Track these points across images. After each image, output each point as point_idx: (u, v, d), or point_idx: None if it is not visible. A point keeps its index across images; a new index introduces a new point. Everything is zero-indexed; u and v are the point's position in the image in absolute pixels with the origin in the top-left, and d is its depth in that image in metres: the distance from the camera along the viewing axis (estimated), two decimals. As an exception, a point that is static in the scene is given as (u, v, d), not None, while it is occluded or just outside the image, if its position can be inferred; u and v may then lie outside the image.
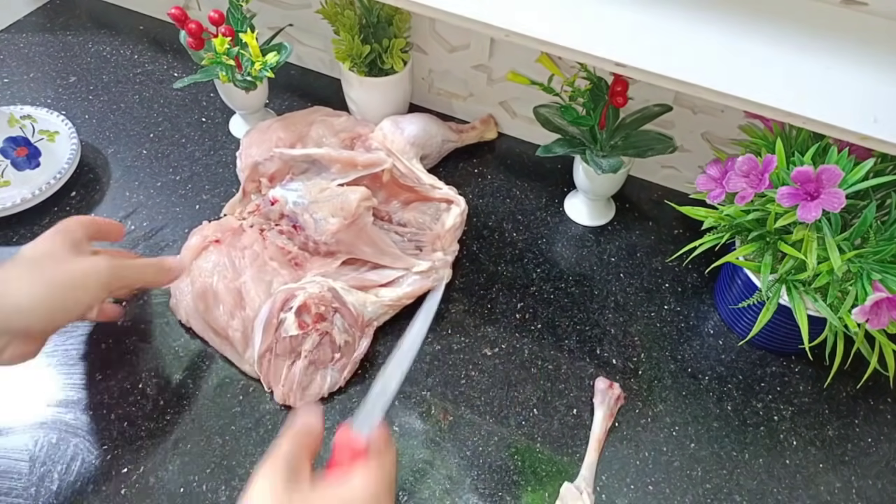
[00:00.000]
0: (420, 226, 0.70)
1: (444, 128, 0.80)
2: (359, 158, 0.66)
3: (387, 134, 0.75)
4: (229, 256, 0.64)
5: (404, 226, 0.70)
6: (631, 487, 0.57)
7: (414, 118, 0.77)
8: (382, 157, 0.67)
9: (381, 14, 0.77)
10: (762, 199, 0.56)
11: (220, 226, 0.68)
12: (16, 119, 0.80)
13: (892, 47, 0.54)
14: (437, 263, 0.66)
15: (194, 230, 0.68)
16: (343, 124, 0.77)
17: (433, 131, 0.77)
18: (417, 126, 0.76)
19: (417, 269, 0.65)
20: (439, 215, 0.70)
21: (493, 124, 0.84)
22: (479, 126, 0.84)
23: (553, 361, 0.65)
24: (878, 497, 0.58)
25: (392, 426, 0.60)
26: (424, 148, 0.76)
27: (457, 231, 0.69)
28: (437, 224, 0.69)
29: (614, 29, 0.56)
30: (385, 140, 0.74)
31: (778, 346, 0.66)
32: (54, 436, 0.58)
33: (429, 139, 0.76)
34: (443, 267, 0.67)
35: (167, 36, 0.99)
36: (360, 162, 0.66)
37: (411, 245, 0.68)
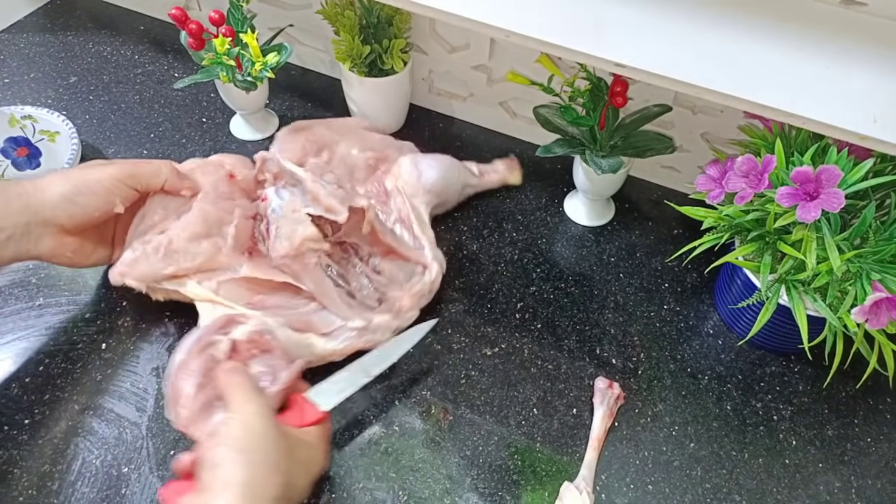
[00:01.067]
0: (392, 279, 0.66)
1: (464, 172, 0.75)
2: (321, 198, 0.61)
3: (402, 174, 0.71)
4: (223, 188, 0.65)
5: (378, 273, 0.66)
6: (630, 487, 0.57)
7: (435, 161, 0.73)
8: (338, 209, 0.61)
9: (381, 14, 0.77)
10: (761, 199, 0.56)
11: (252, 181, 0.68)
12: (16, 119, 0.80)
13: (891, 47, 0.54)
14: (376, 324, 0.61)
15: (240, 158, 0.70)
16: (375, 142, 0.75)
17: (452, 178, 0.73)
18: (436, 173, 0.72)
19: (352, 324, 0.61)
20: (412, 276, 0.66)
21: (517, 168, 0.79)
22: (502, 169, 0.79)
23: (553, 361, 0.65)
24: (878, 497, 0.58)
25: (392, 426, 0.60)
26: (440, 196, 0.72)
27: (421, 298, 0.64)
28: (406, 284, 0.65)
29: (614, 29, 0.56)
30: (398, 179, 0.71)
31: (777, 346, 0.66)
32: (55, 436, 0.58)
33: (447, 187, 0.73)
34: (382, 330, 0.62)
35: (168, 36, 0.99)
36: (322, 202, 0.61)
37: (375, 294, 0.65)
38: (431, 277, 0.65)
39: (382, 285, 0.65)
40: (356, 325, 0.60)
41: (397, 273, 0.66)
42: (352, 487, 0.56)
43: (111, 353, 0.64)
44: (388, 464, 0.58)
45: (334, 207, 0.60)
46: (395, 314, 0.63)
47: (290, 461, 0.48)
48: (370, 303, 0.64)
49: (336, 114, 0.88)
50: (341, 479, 0.57)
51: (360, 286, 0.65)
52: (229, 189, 0.66)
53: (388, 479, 0.57)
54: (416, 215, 0.69)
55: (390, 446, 0.59)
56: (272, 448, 0.47)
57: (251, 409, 0.48)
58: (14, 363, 0.63)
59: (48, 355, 0.63)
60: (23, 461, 0.56)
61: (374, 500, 0.56)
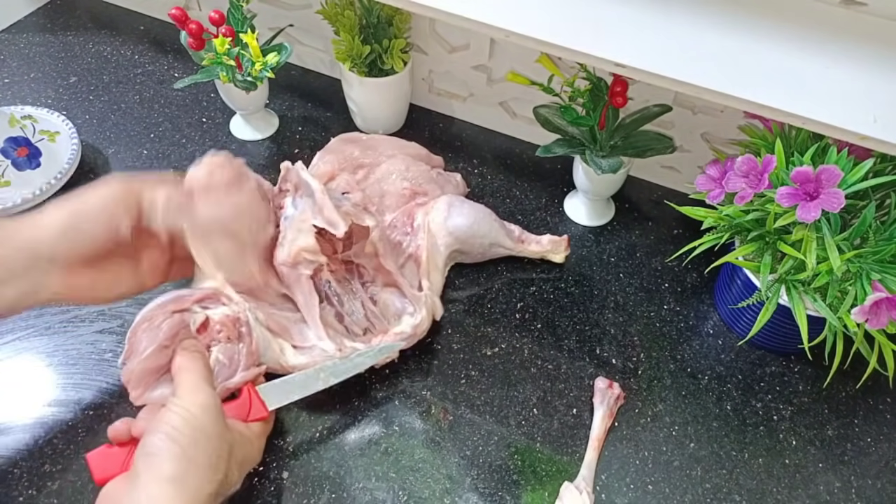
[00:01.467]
0: (384, 312, 0.64)
1: (500, 231, 0.70)
2: (325, 211, 0.59)
3: (433, 211, 0.69)
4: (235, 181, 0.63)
5: (374, 302, 0.65)
6: (630, 487, 0.57)
7: (470, 210, 0.69)
8: (338, 222, 0.59)
9: (381, 14, 0.77)
10: (761, 199, 0.56)
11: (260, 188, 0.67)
12: (16, 119, 0.80)
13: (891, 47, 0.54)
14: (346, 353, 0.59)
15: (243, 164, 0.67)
16: (417, 174, 0.72)
17: (482, 231, 0.68)
18: (466, 220, 0.68)
19: (323, 345, 0.59)
20: (402, 315, 0.64)
21: (564, 248, 0.72)
22: (545, 243, 0.72)
23: (553, 361, 0.65)
24: (878, 497, 0.58)
25: (392, 426, 0.60)
26: (463, 244, 0.68)
27: (403, 340, 0.62)
28: (395, 321, 0.63)
29: (614, 29, 0.56)
30: (428, 215, 0.69)
31: (777, 346, 0.66)
32: (54, 436, 0.58)
33: (472, 237, 0.68)
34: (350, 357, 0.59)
35: (168, 36, 0.99)
36: (324, 215, 0.59)
37: (364, 323, 0.63)
38: (416, 322, 0.62)
39: (373, 316, 0.64)
40: (326, 349, 0.59)
41: (391, 307, 0.64)
42: (352, 487, 0.56)
43: (111, 353, 0.64)
44: (388, 464, 0.58)
45: (334, 221, 0.59)
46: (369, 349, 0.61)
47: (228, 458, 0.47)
48: (356, 329, 0.63)
49: (336, 114, 0.88)
50: (341, 479, 0.57)
51: (351, 310, 0.64)
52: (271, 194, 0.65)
53: (388, 479, 0.57)
54: (432, 257, 0.67)
55: (390, 446, 0.59)
56: (212, 445, 0.46)
57: (197, 401, 0.47)
58: (14, 363, 0.63)
59: (48, 355, 0.63)
60: (23, 461, 0.56)
61: (374, 500, 0.56)
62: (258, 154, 0.83)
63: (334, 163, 0.73)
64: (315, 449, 0.58)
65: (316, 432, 0.59)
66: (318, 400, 0.61)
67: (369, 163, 0.74)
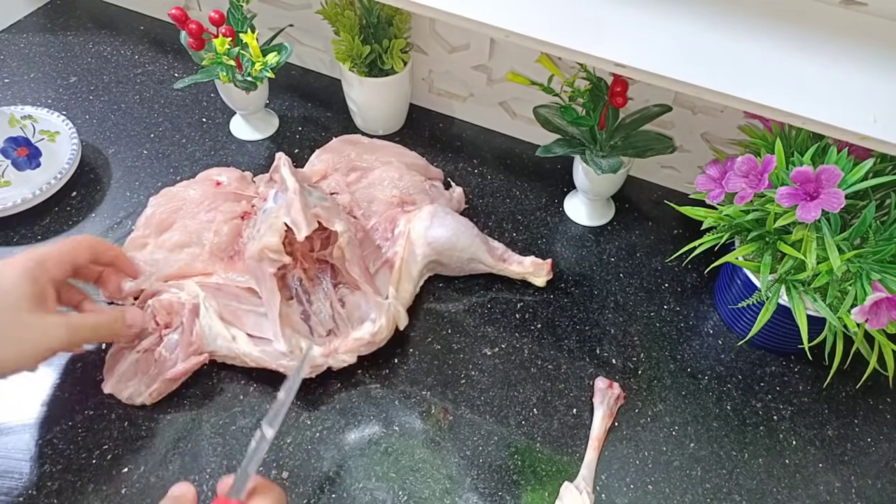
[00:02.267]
0: (350, 315, 0.64)
1: (480, 248, 0.68)
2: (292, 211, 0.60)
3: (415, 220, 0.69)
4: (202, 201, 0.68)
5: (342, 305, 0.64)
6: (630, 487, 0.57)
7: (453, 222, 0.68)
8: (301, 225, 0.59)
9: (381, 14, 0.77)
10: (761, 199, 0.56)
11: (240, 181, 0.71)
12: (16, 119, 0.80)
13: (891, 47, 0.54)
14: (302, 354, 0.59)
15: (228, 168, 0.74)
16: (409, 183, 0.72)
17: (461, 245, 0.67)
18: (445, 231, 0.67)
19: (277, 345, 0.59)
20: (364, 321, 0.63)
21: (546, 272, 0.70)
22: (527, 264, 0.70)
23: (553, 361, 0.65)
24: (878, 497, 0.58)
25: (392, 426, 0.60)
26: (441, 256, 0.67)
27: (361, 346, 0.61)
28: (358, 326, 0.63)
29: (614, 29, 0.56)
30: (410, 223, 0.69)
31: (777, 346, 0.66)
32: (55, 436, 0.58)
33: (449, 250, 0.67)
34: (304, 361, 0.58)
35: (167, 36, 0.99)
36: (290, 214, 0.60)
37: (329, 324, 0.63)
38: (374, 330, 0.61)
39: (340, 318, 0.63)
40: (280, 349, 0.59)
41: (356, 311, 0.64)
42: (352, 487, 0.56)
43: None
44: (388, 464, 0.58)
45: (298, 222, 0.59)
46: (329, 352, 0.60)
47: None
48: (320, 330, 0.63)
49: (336, 114, 0.88)
50: (341, 479, 0.57)
51: (319, 310, 0.64)
52: (211, 200, 0.69)
53: (388, 479, 0.57)
54: (406, 265, 0.67)
55: (390, 446, 0.59)
56: None
57: None
58: (14, 363, 0.63)
59: (48, 355, 0.63)
60: (23, 461, 0.56)
61: (374, 500, 0.56)
62: (258, 154, 0.83)
63: (329, 162, 0.73)
64: (315, 449, 0.58)
65: (316, 432, 0.59)
66: (318, 400, 0.61)
67: (364, 166, 0.74)
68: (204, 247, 0.66)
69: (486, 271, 0.70)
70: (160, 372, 0.59)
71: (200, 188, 0.71)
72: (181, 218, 0.68)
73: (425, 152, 0.80)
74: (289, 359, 0.59)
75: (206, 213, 0.68)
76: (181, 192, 0.71)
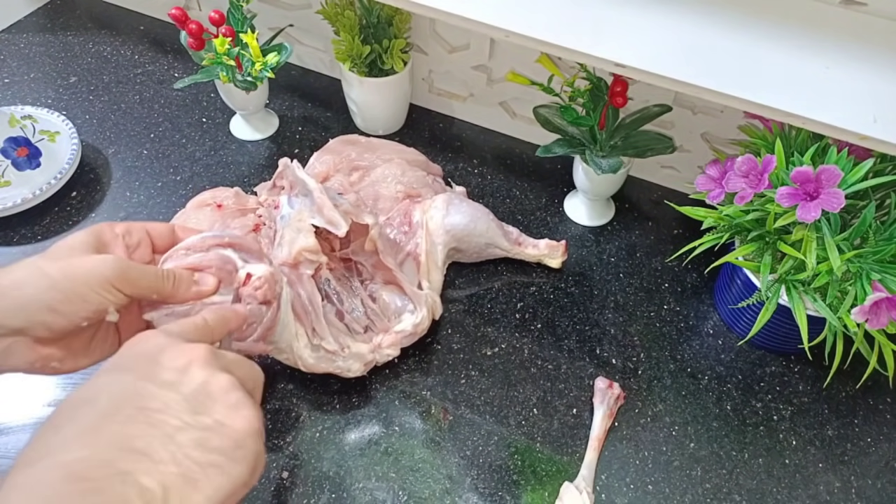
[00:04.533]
0: (384, 309, 0.64)
1: (497, 232, 0.70)
2: (325, 211, 0.59)
3: (432, 209, 0.69)
4: (212, 225, 0.65)
5: (374, 300, 0.64)
6: (630, 487, 0.57)
7: (468, 208, 0.69)
8: (339, 222, 0.59)
9: (381, 14, 0.77)
10: (761, 199, 0.56)
11: (238, 197, 0.69)
12: (16, 119, 0.80)
13: (891, 47, 0.54)
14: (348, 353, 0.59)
15: (217, 188, 0.70)
16: (412, 178, 0.72)
17: (478, 230, 0.68)
18: (463, 217, 0.68)
19: (325, 344, 0.59)
20: (402, 313, 0.64)
21: (561, 253, 0.71)
22: (543, 247, 0.71)
23: (553, 361, 0.65)
24: (878, 497, 0.58)
25: (392, 426, 0.60)
26: (460, 242, 0.68)
27: (404, 338, 0.62)
28: (395, 319, 0.63)
29: (614, 29, 0.56)
30: (426, 213, 0.69)
31: (777, 346, 0.66)
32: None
33: (468, 236, 0.68)
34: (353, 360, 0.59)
35: (167, 36, 0.99)
36: (325, 214, 0.59)
37: (364, 321, 0.63)
38: (416, 321, 0.62)
39: (373, 314, 0.64)
40: (330, 348, 0.59)
41: (390, 305, 0.64)
42: (352, 487, 0.56)
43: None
44: (388, 464, 0.58)
45: (335, 220, 0.59)
46: (374, 347, 0.61)
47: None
48: (356, 327, 0.63)
49: (336, 114, 0.88)
50: (341, 479, 0.57)
51: (352, 308, 0.63)
52: (220, 222, 0.67)
53: (388, 479, 0.57)
54: (431, 255, 0.67)
55: (390, 446, 0.59)
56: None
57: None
58: (14, 363, 0.63)
59: (48, 355, 0.63)
60: (23, 461, 0.56)
61: (374, 500, 0.56)
62: (258, 154, 0.83)
63: (330, 163, 0.73)
64: (315, 449, 0.58)
65: (316, 432, 0.59)
66: (318, 400, 0.61)
67: (366, 165, 0.74)
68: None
69: (501, 255, 0.71)
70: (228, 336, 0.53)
71: (202, 214, 0.67)
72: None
73: (425, 152, 0.79)
74: (342, 359, 0.59)
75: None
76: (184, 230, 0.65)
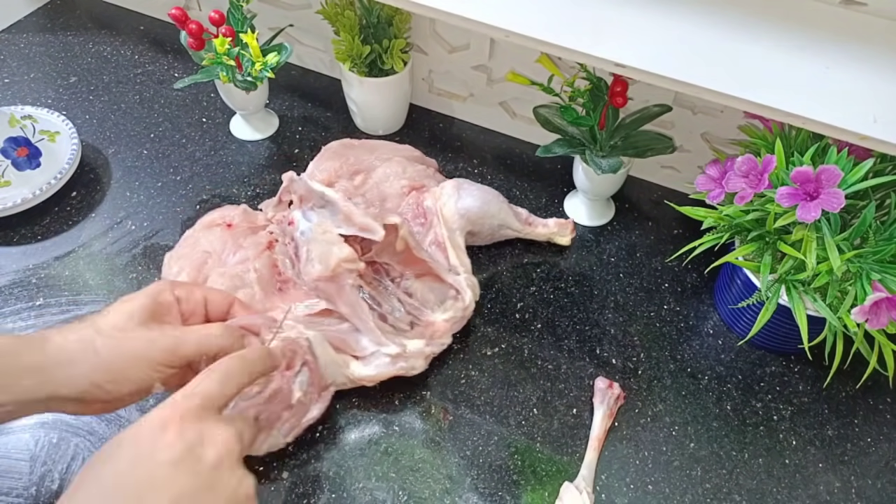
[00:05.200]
0: (424, 302, 0.64)
1: (508, 213, 0.71)
2: (355, 218, 0.60)
3: (443, 195, 0.70)
4: (225, 244, 0.64)
5: (410, 295, 0.64)
6: (630, 487, 0.57)
7: (479, 191, 0.71)
8: (375, 227, 0.59)
9: (381, 14, 0.77)
10: (761, 199, 0.56)
11: (246, 215, 0.68)
12: (16, 119, 0.80)
13: (891, 47, 0.54)
14: (410, 351, 0.60)
15: (224, 207, 0.69)
16: (415, 173, 0.73)
17: (491, 211, 0.70)
18: (476, 200, 0.69)
19: (386, 350, 0.59)
20: (445, 300, 0.64)
21: (570, 230, 0.74)
22: (552, 225, 0.74)
23: (553, 361, 0.65)
24: (878, 497, 0.58)
25: (392, 426, 0.60)
26: (475, 225, 0.70)
27: (454, 324, 0.63)
28: (438, 308, 0.64)
29: (614, 29, 0.56)
30: (438, 200, 0.69)
31: (777, 346, 0.66)
32: (55, 435, 0.58)
33: (482, 217, 0.70)
34: (415, 357, 0.60)
35: (167, 36, 0.99)
36: (356, 221, 0.60)
37: (407, 318, 0.63)
38: (465, 304, 0.63)
39: (414, 308, 0.64)
40: (390, 352, 0.59)
41: (429, 296, 0.65)
42: (352, 487, 0.56)
43: (111, 353, 0.64)
44: (388, 464, 0.58)
45: (370, 226, 0.58)
46: (428, 340, 0.62)
47: None
48: (402, 326, 0.63)
49: (336, 114, 0.88)
50: (341, 479, 0.57)
51: (391, 308, 0.63)
52: (232, 241, 0.65)
53: (388, 479, 0.57)
54: (452, 239, 0.68)
55: (390, 446, 0.59)
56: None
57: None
58: (14, 363, 0.63)
59: (48, 355, 0.63)
60: (23, 461, 0.56)
61: (374, 500, 0.56)
62: (258, 154, 0.83)
63: (331, 170, 0.72)
64: (315, 449, 0.58)
65: (316, 432, 0.59)
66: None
67: (366, 167, 0.73)
68: (253, 286, 0.62)
69: (513, 237, 0.73)
70: (295, 415, 0.56)
71: (213, 235, 0.66)
72: (212, 269, 0.63)
73: (425, 152, 0.79)
74: (404, 360, 0.59)
75: (234, 255, 0.64)
76: (194, 247, 0.65)
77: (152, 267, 0.71)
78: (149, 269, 0.70)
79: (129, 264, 0.71)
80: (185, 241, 0.66)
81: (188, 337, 0.48)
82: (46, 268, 0.70)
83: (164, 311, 0.50)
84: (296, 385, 0.55)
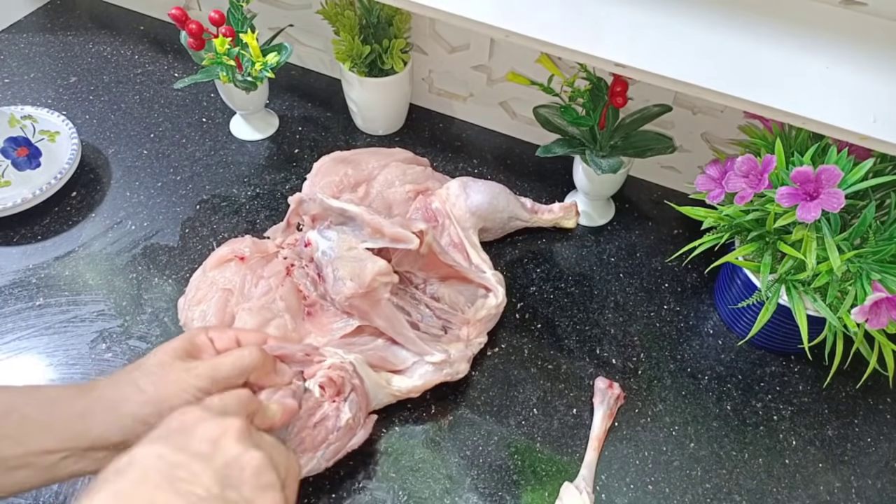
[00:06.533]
0: (453, 305, 0.64)
1: (515, 204, 0.72)
2: (386, 229, 0.59)
3: (450, 196, 0.70)
4: (244, 278, 0.62)
5: (437, 300, 0.64)
6: (630, 487, 0.57)
7: (485, 186, 0.71)
8: (410, 237, 0.58)
9: (381, 14, 0.77)
10: (761, 199, 0.56)
11: (256, 245, 0.65)
12: (16, 119, 0.80)
13: (891, 47, 0.54)
14: (454, 356, 0.60)
15: (230, 241, 0.66)
16: (415, 175, 0.73)
17: (500, 205, 0.71)
18: (485, 196, 0.70)
19: (431, 358, 0.59)
20: (475, 300, 0.64)
21: (574, 213, 0.75)
22: (557, 210, 0.75)
23: (553, 361, 0.65)
24: (878, 497, 0.58)
25: (392, 426, 0.60)
26: (486, 221, 0.70)
27: (488, 322, 0.64)
28: (469, 309, 0.64)
29: (614, 29, 0.56)
30: (447, 202, 0.69)
31: (777, 346, 0.66)
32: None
33: (493, 213, 0.70)
34: (459, 361, 0.60)
35: (168, 36, 0.99)
36: (387, 233, 0.59)
37: (438, 323, 0.63)
38: (497, 301, 0.63)
39: (444, 312, 0.63)
40: (434, 360, 0.58)
41: (457, 298, 0.64)
42: (352, 487, 0.56)
43: (111, 353, 0.64)
44: (388, 464, 0.58)
45: (403, 236, 0.57)
46: (466, 342, 0.62)
47: None
48: (435, 332, 0.62)
49: (336, 114, 0.88)
50: (341, 478, 0.57)
51: (421, 316, 0.63)
52: (251, 274, 0.63)
53: (388, 479, 0.57)
54: (468, 238, 0.68)
55: (390, 446, 0.59)
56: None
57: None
58: (14, 363, 0.63)
59: (48, 355, 0.63)
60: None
61: (374, 500, 0.56)
62: (258, 154, 0.83)
63: (332, 186, 0.71)
64: (315, 449, 0.58)
65: (316, 432, 0.59)
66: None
67: (365, 177, 0.72)
68: (283, 315, 0.61)
69: (522, 227, 0.74)
70: (340, 439, 0.54)
71: (229, 271, 0.63)
72: (237, 306, 0.61)
73: (425, 152, 0.80)
74: (449, 365, 0.59)
75: (256, 286, 0.62)
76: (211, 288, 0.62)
77: (152, 267, 0.71)
78: (149, 269, 0.70)
79: (129, 264, 0.71)
80: (197, 285, 0.63)
81: (224, 359, 0.50)
82: (46, 268, 0.70)
83: (201, 350, 0.51)
84: (346, 407, 0.54)
